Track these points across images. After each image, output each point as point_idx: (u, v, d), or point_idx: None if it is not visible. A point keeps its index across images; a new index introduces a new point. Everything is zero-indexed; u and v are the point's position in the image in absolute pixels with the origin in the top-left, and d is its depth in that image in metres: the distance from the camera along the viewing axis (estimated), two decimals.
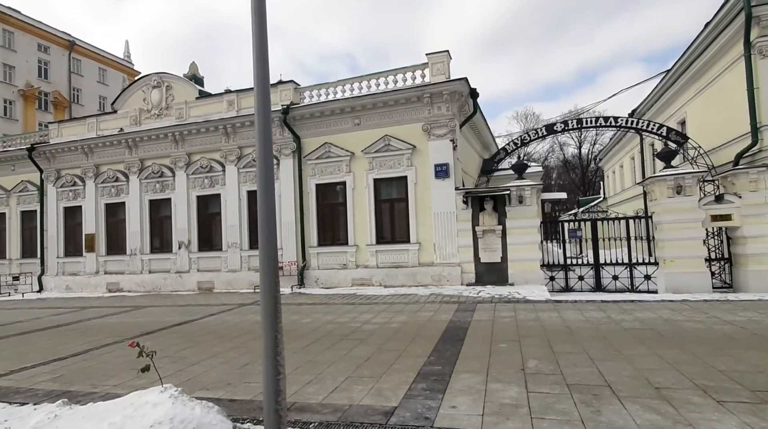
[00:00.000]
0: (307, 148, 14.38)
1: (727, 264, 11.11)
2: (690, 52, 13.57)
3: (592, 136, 42.42)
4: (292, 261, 14.16)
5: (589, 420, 3.50)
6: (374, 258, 13.37)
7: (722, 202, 10.66)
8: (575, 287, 11.85)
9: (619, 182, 26.96)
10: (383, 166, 13.51)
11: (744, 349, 5.35)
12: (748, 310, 7.76)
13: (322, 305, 10.56)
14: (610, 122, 13.17)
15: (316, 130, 14.30)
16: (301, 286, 13.91)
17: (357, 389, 4.48)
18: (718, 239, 11.39)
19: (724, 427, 3.29)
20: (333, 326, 7.91)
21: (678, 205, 10.81)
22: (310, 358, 5.76)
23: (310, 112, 14.14)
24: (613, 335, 6.32)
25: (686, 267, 10.61)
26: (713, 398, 3.85)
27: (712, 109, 13.13)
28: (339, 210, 14.17)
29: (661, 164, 11.70)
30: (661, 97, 17.25)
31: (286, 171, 14.54)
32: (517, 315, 8.14)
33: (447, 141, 12.78)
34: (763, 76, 10.40)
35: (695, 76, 13.98)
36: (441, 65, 12.95)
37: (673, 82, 15.69)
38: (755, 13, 10.23)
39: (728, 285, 10.94)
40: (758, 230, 10.25)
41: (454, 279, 12.35)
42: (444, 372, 4.92)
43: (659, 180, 11.14)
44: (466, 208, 12.38)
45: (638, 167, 21.10)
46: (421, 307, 9.45)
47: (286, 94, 14.63)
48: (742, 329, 6.35)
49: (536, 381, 4.49)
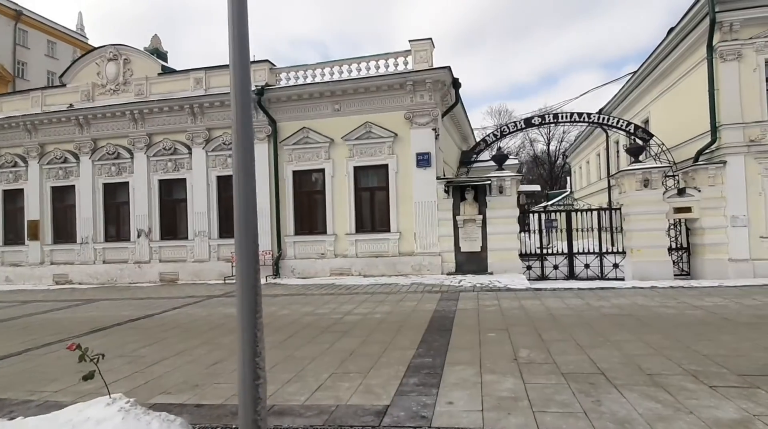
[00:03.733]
0: (283, 133, 13.87)
1: (685, 253, 11.76)
2: (655, 55, 14.13)
3: (560, 134, 43.85)
4: (267, 250, 13.73)
5: (592, 411, 3.48)
6: (353, 247, 13.19)
7: (684, 195, 11.25)
8: (550, 275, 12.22)
9: (585, 177, 28.01)
10: (364, 153, 13.26)
11: (719, 333, 5.64)
12: (713, 295, 8.23)
13: (299, 296, 10.29)
14: (584, 118, 13.53)
15: (294, 114, 13.80)
16: (276, 277, 13.54)
17: (343, 387, 4.20)
18: (676, 230, 12.01)
19: (724, 414, 3.37)
20: (312, 318, 7.65)
21: (645, 198, 11.31)
22: (289, 354, 5.44)
23: (287, 95, 13.61)
24: (596, 322, 6.50)
25: (651, 256, 11.16)
26: (705, 383, 3.99)
27: (675, 109, 13.76)
28: (317, 198, 13.82)
29: (626, 161, 12.15)
30: (627, 97, 17.93)
31: (260, 156, 13.89)
32: (500, 303, 8.24)
33: (429, 130, 12.69)
34: (723, 79, 10.93)
35: (659, 78, 14.58)
36: (424, 53, 12.77)
37: (638, 84, 16.33)
38: (719, 19, 10.70)
39: (686, 273, 11.62)
40: (715, 222, 10.91)
41: (434, 268, 12.40)
42: (435, 364, 4.80)
43: (629, 174, 11.58)
44: (447, 198, 12.40)
45: (603, 163, 21.93)
46: (403, 297, 9.40)
47: (261, 74, 13.97)
48: (712, 314, 6.70)
49: (531, 371, 4.49)
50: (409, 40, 12.92)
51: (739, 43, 10.78)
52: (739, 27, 10.74)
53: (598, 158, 23.63)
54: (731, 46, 10.80)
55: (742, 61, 10.80)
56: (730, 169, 10.79)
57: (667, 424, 3.25)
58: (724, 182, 10.86)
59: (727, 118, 10.86)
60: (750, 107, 10.73)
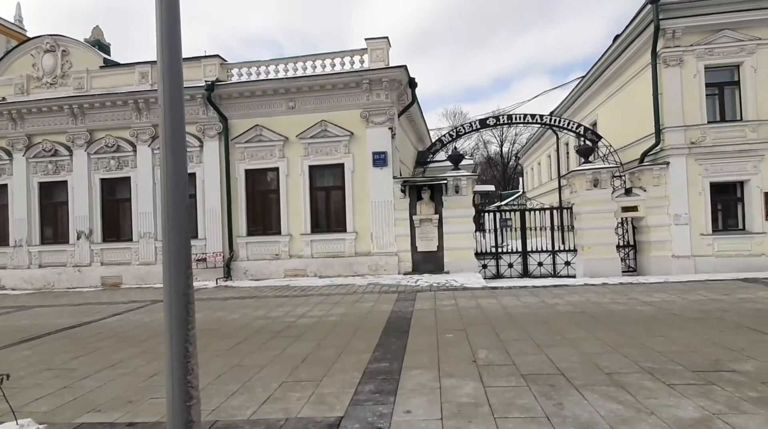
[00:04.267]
0: (235, 130, 13.16)
1: (632, 250, 12.25)
2: (602, 60, 14.73)
3: (513, 136, 45.32)
4: (218, 252, 12.95)
5: (554, 415, 3.35)
6: (309, 247, 12.70)
7: (630, 195, 11.70)
8: (505, 274, 12.32)
9: (537, 177, 28.99)
10: (319, 152, 12.82)
11: (670, 328, 5.75)
12: (660, 291, 8.53)
13: (251, 299, 9.73)
14: (537, 119, 13.80)
15: (246, 111, 13.14)
16: (227, 279, 12.78)
17: (294, 398, 3.90)
18: (624, 228, 12.51)
19: (684, 413, 3.32)
20: (264, 322, 7.21)
21: (595, 197, 11.66)
22: (236, 362, 5.05)
23: (238, 91, 12.93)
24: (551, 319, 6.48)
25: (601, 253, 11.52)
26: (662, 381, 3.95)
27: (621, 112, 14.38)
28: (271, 197, 13.21)
29: (576, 162, 12.50)
30: (576, 101, 18.63)
31: (210, 154, 13.19)
32: (458, 303, 8.11)
33: (385, 129, 12.46)
34: (666, 84, 11.49)
35: (607, 82, 15.21)
36: (380, 52, 12.54)
37: (587, 87, 17.00)
38: (663, 26, 11.24)
39: (633, 269, 12.09)
40: (659, 220, 11.42)
41: (391, 268, 12.16)
42: (392, 369, 4.56)
43: (579, 174, 11.91)
44: (403, 197, 12.22)
45: (554, 164, 22.72)
46: (359, 298, 9.08)
47: (211, 69, 13.22)
48: (661, 310, 6.88)
49: (490, 373, 4.33)
50: (366, 38, 12.66)
51: (681, 49, 11.36)
52: (681, 34, 11.32)
53: (549, 159, 24.48)
54: (674, 52, 11.36)
55: (684, 66, 11.39)
56: (673, 170, 11.34)
57: (629, 426, 3.17)
58: (667, 182, 11.39)
59: (670, 121, 11.41)
60: (691, 111, 11.33)
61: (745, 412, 3.29)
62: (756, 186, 11.17)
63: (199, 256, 12.85)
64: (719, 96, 11.64)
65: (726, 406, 3.40)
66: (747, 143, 11.19)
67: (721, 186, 11.48)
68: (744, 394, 3.60)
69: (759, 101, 11.16)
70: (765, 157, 11.12)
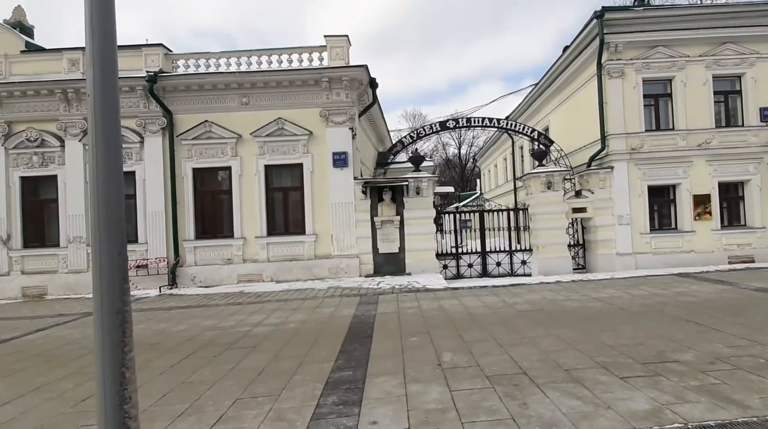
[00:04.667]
0: (181, 126, 12.37)
1: (581, 249, 12.89)
2: (554, 69, 15.45)
3: (470, 139, 46.52)
4: (161, 257, 12.10)
5: (520, 416, 3.38)
6: (265, 251, 12.19)
7: (580, 197, 12.31)
8: (465, 274, 12.53)
9: (494, 179, 29.95)
10: (276, 151, 12.35)
11: (618, 323, 6.04)
12: (608, 287, 8.99)
13: (200, 308, 9.13)
14: (494, 123, 14.20)
15: (194, 106, 12.39)
16: (172, 287, 11.97)
17: (250, 416, 3.62)
18: (574, 228, 13.13)
19: (638, 406, 3.46)
20: (215, 333, 6.75)
21: (549, 199, 12.15)
22: (183, 379, 4.64)
23: (185, 84, 12.17)
24: (512, 319, 6.61)
25: (554, 252, 12.02)
26: (616, 375, 4.11)
27: (571, 119, 15.14)
28: (223, 198, 12.53)
29: (530, 164, 12.97)
30: (530, 107, 19.43)
31: (153, 151, 12.29)
32: (420, 304, 8.09)
33: (346, 129, 12.25)
34: (611, 93, 12.21)
35: (557, 90, 15.97)
36: (340, 50, 12.30)
37: (540, 94, 17.77)
38: (607, 40, 11.94)
39: (582, 267, 12.72)
40: (605, 220, 12.11)
41: (352, 271, 11.95)
42: (356, 378, 4.41)
43: (534, 176, 12.37)
44: (364, 199, 12.06)
45: (510, 166, 23.55)
46: (320, 303, 8.81)
47: (154, 59, 12.33)
48: (610, 305, 7.23)
49: (456, 376, 4.30)
50: (325, 35, 12.37)
51: (623, 62, 12.12)
52: (623, 49, 12.08)
53: (506, 162, 25.35)
54: (616, 65, 12.10)
55: (625, 78, 12.16)
56: (616, 174, 12.06)
57: (590, 422, 3.25)
58: (612, 185, 12.10)
59: (613, 128, 12.13)
60: (632, 120, 12.12)
61: (689, 401, 3.48)
62: (686, 189, 12.13)
63: (140, 262, 11.94)
64: (655, 107, 12.54)
65: (673, 396, 3.58)
66: (678, 150, 12.13)
67: (657, 189, 12.36)
68: (687, 384, 3.82)
69: (688, 112, 12.14)
70: (693, 163, 12.11)
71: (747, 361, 4.30)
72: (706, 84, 12.17)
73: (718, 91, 12.35)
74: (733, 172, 12.16)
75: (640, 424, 3.16)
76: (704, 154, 12.07)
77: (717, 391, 3.65)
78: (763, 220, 12.05)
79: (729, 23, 12.03)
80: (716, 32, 12.02)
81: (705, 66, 12.15)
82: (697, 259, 11.78)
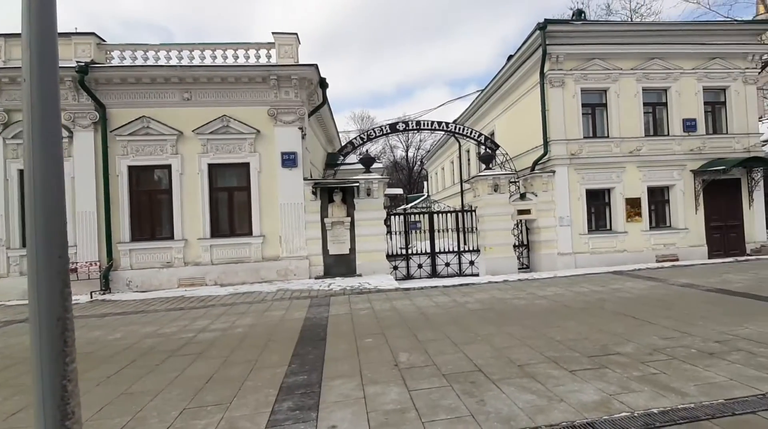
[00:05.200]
0: (116, 121, 11.41)
1: (525, 249, 13.48)
2: (499, 76, 16.10)
3: (418, 142, 47.40)
4: (93, 261, 11.07)
5: (479, 413, 3.40)
6: (208, 253, 11.52)
7: (525, 199, 12.86)
8: (415, 275, 12.63)
9: (441, 182, 30.63)
10: (221, 149, 11.74)
11: (564, 319, 6.31)
12: (551, 285, 9.43)
13: (137, 314, 8.44)
14: (443, 127, 14.49)
15: (130, 100, 11.49)
16: (105, 292, 10.98)
17: (199, 426, 3.39)
18: (519, 229, 13.71)
19: (587, 397, 3.60)
20: (156, 340, 6.27)
21: (495, 201, 12.57)
22: (123, 390, 4.28)
23: (121, 77, 11.25)
24: (464, 318, 6.70)
25: (500, 253, 12.44)
26: (565, 369, 4.26)
27: (515, 124, 15.83)
28: (162, 198, 11.69)
29: (476, 168, 13.37)
30: (476, 112, 20.09)
31: (83, 147, 11.24)
32: (373, 306, 8.00)
33: (295, 128, 11.92)
34: (552, 101, 12.91)
35: (503, 96, 16.65)
36: (289, 48, 11.97)
37: (486, 100, 18.43)
38: (549, 51, 12.63)
39: (527, 266, 13.29)
40: (548, 222, 12.74)
41: (301, 273, 11.61)
42: (312, 381, 4.25)
43: (482, 179, 12.75)
44: (314, 200, 11.79)
45: (457, 169, 24.19)
46: (269, 306, 8.45)
47: (85, 49, 11.33)
48: (555, 302, 7.57)
49: (413, 376, 4.26)
50: (273, 32, 11.98)
51: (563, 72, 12.87)
52: (563, 59, 12.83)
53: (452, 165, 26.02)
54: (557, 74, 12.82)
55: (565, 88, 12.91)
56: (557, 178, 12.75)
57: (545, 415, 3.32)
58: (553, 188, 12.77)
59: (555, 134, 12.82)
60: (571, 127, 12.88)
61: (634, 391, 3.67)
62: (619, 193, 13.09)
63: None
64: (592, 115, 13.43)
65: (618, 387, 3.77)
66: (613, 157, 13.07)
67: (595, 192, 13.23)
68: (630, 375, 4.04)
69: (622, 121, 13.13)
70: (626, 168, 13.09)
71: (680, 351, 4.64)
72: (636, 95, 13.23)
73: (647, 102, 13.45)
74: (660, 177, 13.30)
75: (591, 414, 3.28)
76: (635, 161, 13.10)
77: (657, 380, 3.88)
78: (685, 221, 13.28)
79: (656, 40, 13.19)
80: (645, 48, 13.12)
81: (636, 79, 13.22)
82: (629, 257, 12.74)
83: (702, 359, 4.35)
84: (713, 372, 4.00)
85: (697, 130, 13.46)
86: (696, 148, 13.37)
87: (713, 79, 13.60)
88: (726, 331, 5.30)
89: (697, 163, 13.32)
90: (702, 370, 4.05)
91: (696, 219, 13.30)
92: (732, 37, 13.65)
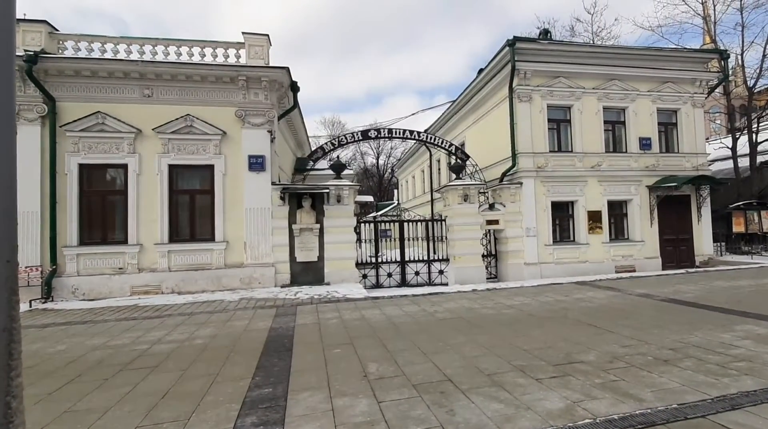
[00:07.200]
0: (66, 115, 10.68)
1: (493, 259, 13.68)
2: (470, 88, 16.46)
3: (389, 149, 47.64)
4: (33, 266, 10.22)
5: (448, 423, 3.31)
6: (165, 259, 10.91)
7: (493, 209, 13.08)
8: (384, 283, 12.52)
9: (411, 190, 30.81)
10: (183, 150, 11.22)
11: (530, 328, 6.36)
12: (519, 295, 9.54)
13: (84, 324, 7.80)
14: (414, 135, 14.57)
15: (84, 94, 10.81)
16: (47, 300, 10.15)
17: None
18: (487, 239, 13.92)
19: (553, 405, 3.61)
20: (104, 353, 5.78)
21: (465, 211, 12.71)
22: (67, 407, 3.88)
23: (74, 69, 10.58)
24: (433, 327, 6.62)
25: (469, 262, 12.55)
26: (532, 377, 4.26)
27: (485, 136, 16.17)
28: (115, 200, 10.99)
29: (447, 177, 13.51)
30: (447, 122, 20.42)
31: (27, 142, 10.37)
32: (342, 315, 7.78)
33: (264, 132, 11.60)
34: (520, 115, 13.30)
35: (473, 108, 17.01)
36: (260, 49, 11.69)
37: (457, 111, 18.77)
38: (517, 67, 13.04)
39: (495, 276, 13.48)
40: (515, 232, 13.00)
41: (267, 280, 11.20)
42: (277, 395, 4.01)
43: (452, 188, 12.87)
44: (282, 205, 11.46)
45: (427, 178, 24.41)
46: (231, 315, 8.05)
47: (35, 37, 10.61)
48: (521, 312, 7.63)
49: (383, 387, 4.12)
50: (243, 32, 11.67)
51: (531, 88, 13.30)
52: (531, 76, 13.27)
53: (423, 174, 26.25)
54: (525, 89, 13.23)
55: (532, 103, 13.33)
56: (525, 189, 13.08)
57: (513, 423, 3.32)
58: (521, 200, 13.07)
59: (522, 147, 13.17)
60: (538, 141, 13.29)
61: (596, 398, 3.71)
62: (582, 205, 13.57)
63: None
64: (557, 130, 13.92)
65: (581, 394, 3.80)
66: (576, 170, 13.57)
67: (559, 204, 13.66)
68: (593, 382, 4.09)
69: (584, 137, 13.69)
70: (588, 182, 13.61)
71: (638, 358, 4.75)
72: (598, 113, 13.84)
73: (608, 120, 14.14)
74: (619, 191, 13.93)
75: (557, 422, 3.28)
76: (596, 175, 13.65)
77: (617, 387, 3.94)
78: (642, 234, 13.93)
79: (616, 63, 13.90)
80: (606, 69, 13.80)
81: (597, 98, 13.85)
82: (591, 268, 13.18)
83: (657, 366, 4.48)
84: (667, 378, 4.13)
85: (651, 148, 14.23)
86: (651, 165, 14.11)
87: (666, 101, 14.47)
88: (678, 339, 5.50)
89: (652, 179, 14.05)
90: (657, 377, 4.17)
91: (651, 232, 13.98)
92: (682, 63, 14.62)
